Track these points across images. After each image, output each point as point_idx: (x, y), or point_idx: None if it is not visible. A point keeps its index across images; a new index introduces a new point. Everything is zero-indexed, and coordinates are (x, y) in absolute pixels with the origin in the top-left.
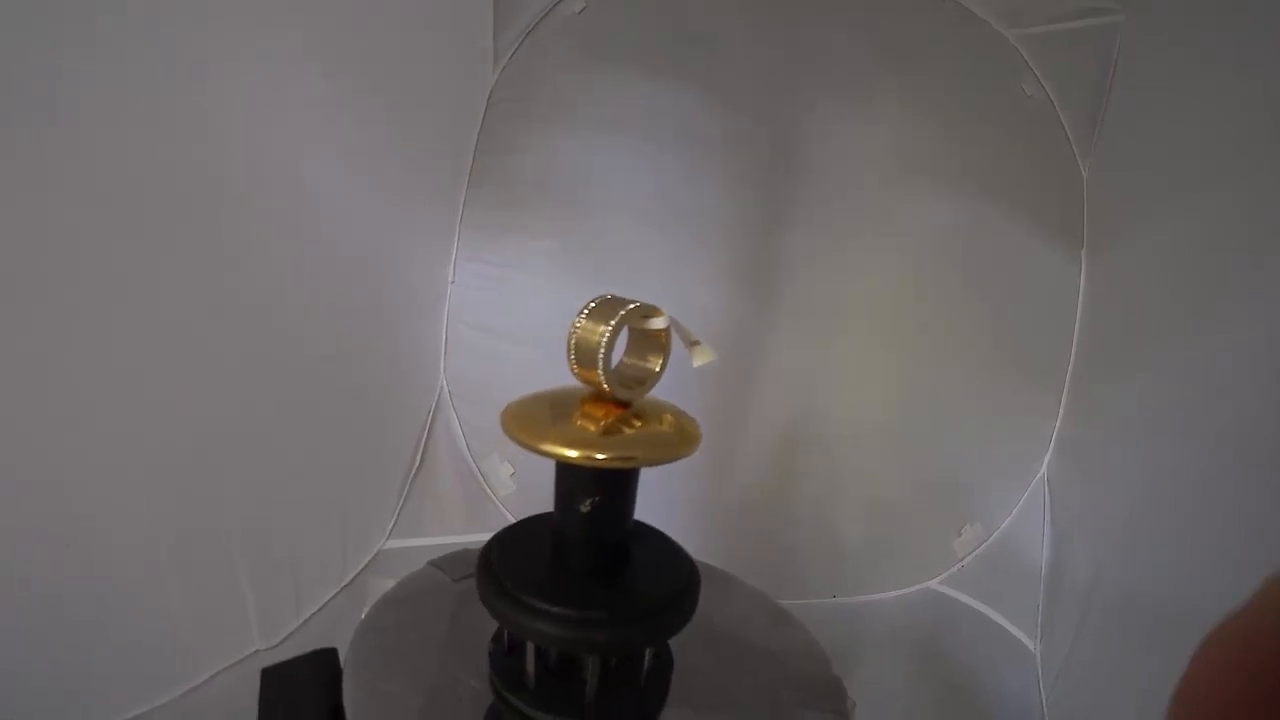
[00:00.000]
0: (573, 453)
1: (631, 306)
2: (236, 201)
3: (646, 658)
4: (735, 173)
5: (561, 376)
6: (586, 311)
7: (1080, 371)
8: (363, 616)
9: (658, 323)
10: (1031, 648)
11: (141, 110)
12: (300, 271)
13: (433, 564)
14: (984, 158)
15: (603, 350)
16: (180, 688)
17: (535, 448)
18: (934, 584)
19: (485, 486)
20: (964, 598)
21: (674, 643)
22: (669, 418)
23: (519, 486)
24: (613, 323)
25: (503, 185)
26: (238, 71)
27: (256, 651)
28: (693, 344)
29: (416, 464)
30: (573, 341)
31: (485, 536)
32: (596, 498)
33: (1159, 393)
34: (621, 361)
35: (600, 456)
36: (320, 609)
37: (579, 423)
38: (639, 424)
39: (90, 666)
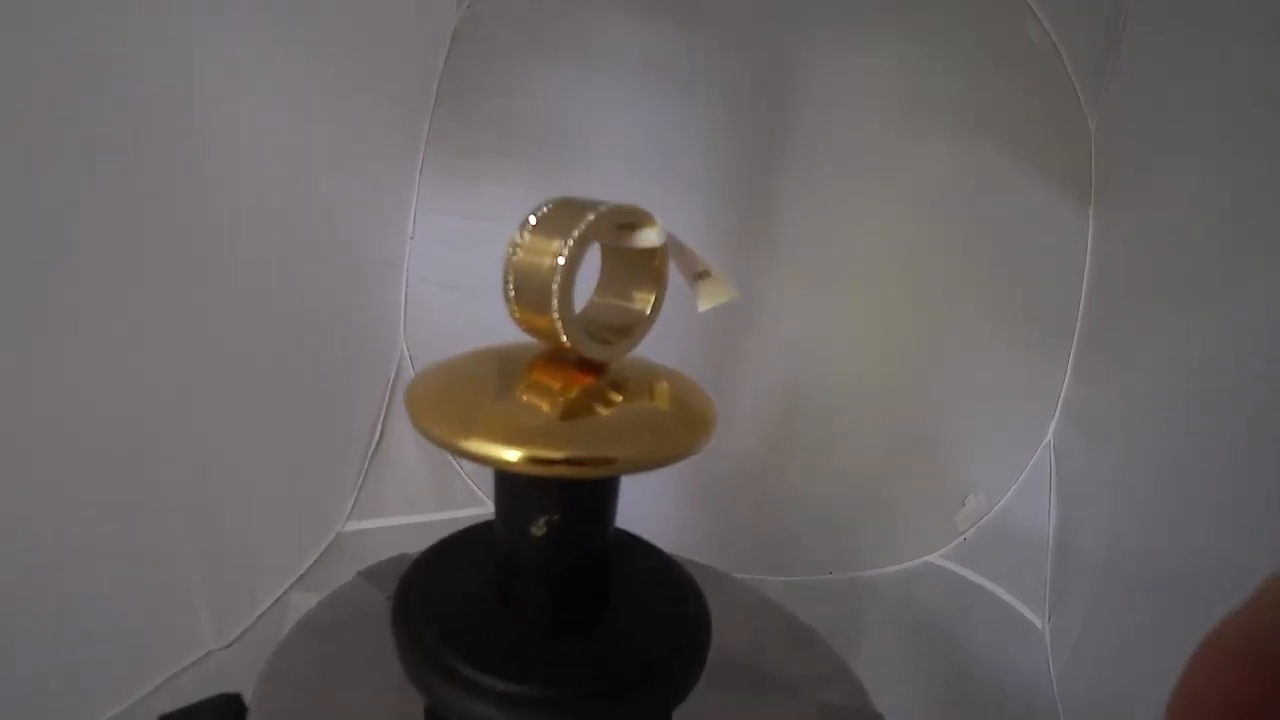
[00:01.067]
0: (512, 453)
1: (604, 210)
2: (163, 153)
3: None
4: (726, 117)
5: None
6: (534, 220)
7: (1088, 334)
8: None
9: (649, 237)
10: (1039, 626)
11: (54, 43)
12: (239, 229)
13: (363, 575)
14: (987, 105)
15: (559, 281)
16: (129, 697)
17: (454, 445)
18: (935, 558)
19: (452, 460)
20: (967, 573)
21: None
22: (664, 387)
23: None
24: (575, 235)
25: (469, 130)
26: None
27: (210, 652)
28: (699, 275)
29: (377, 438)
30: (511, 269)
31: (453, 516)
32: (555, 515)
33: (1174, 356)
34: (591, 302)
35: (556, 457)
36: (276, 602)
37: (525, 398)
38: (618, 399)
39: (26, 681)
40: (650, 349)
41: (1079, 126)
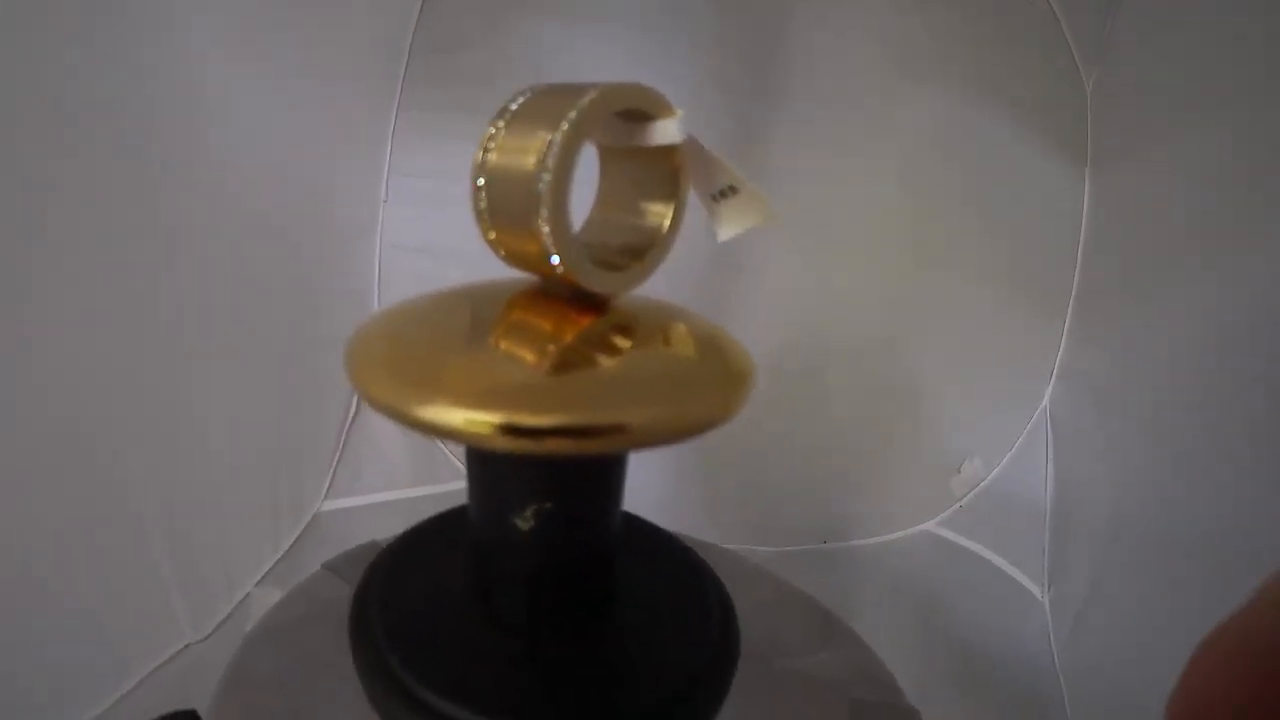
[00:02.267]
0: (485, 421)
1: (606, 89)
2: (120, 111)
3: None
4: (716, 70)
5: None
6: (515, 108)
7: (1085, 296)
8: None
9: (666, 131)
10: (1038, 595)
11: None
12: (203, 193)
13: (329, 567)
14: (981, 63)
15: (548, 182)
16: (107, 698)
17: (407, 413)
18: (931, 526)
19: None
20: (964, 541)
21: None
22: (682, 330)
23: None
24: (569, 120)
25: (445, 85)
26: None
27: (188, 645)
28: (723, 192)
29: (353, 412)
30: (483, 173)
31: (436, 490)
32: (547, 503)
33: (1173, 321)
34: (589, 218)
35: (546, 425)
36: (254, 588)
37: (503, 347)
38: (626, 345)
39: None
40: None
41: (1075, 85)
